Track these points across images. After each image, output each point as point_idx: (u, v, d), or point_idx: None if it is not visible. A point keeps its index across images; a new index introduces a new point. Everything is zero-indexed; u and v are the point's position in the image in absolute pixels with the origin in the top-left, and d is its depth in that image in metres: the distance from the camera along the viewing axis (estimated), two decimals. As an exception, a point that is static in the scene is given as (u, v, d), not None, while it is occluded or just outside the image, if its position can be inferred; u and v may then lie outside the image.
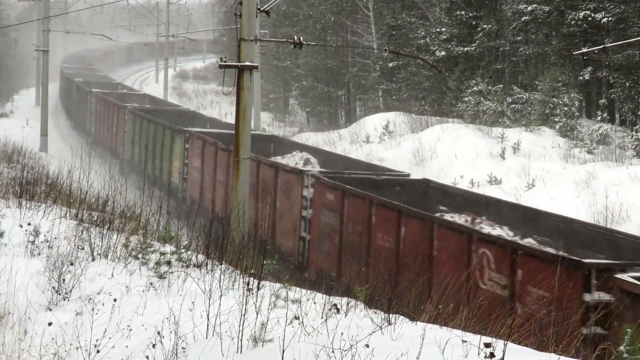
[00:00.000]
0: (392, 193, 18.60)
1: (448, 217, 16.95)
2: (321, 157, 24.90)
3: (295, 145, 27.33)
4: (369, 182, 19.28)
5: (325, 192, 18.34)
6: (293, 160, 24.28)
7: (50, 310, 10.53)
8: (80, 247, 12.79)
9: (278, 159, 24.02)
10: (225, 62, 16.74)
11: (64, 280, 10.96)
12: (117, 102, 40.27)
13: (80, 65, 74.03)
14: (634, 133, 31.94)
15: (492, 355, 7.41)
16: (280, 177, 20.62)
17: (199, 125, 33.27)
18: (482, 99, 37.69)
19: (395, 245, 15.56)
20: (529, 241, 15.23)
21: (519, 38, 40.03)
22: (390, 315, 9.19)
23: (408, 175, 21.24)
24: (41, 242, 12.84)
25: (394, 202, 16.38)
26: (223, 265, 12.36)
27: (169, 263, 12.01)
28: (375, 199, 16.56)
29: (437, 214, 17.01)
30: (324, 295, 10.73)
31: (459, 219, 16.87)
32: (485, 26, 39.83)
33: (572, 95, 34.74)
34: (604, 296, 11.02)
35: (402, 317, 9.31)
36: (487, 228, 16.34)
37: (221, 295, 9.97)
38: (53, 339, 9.37)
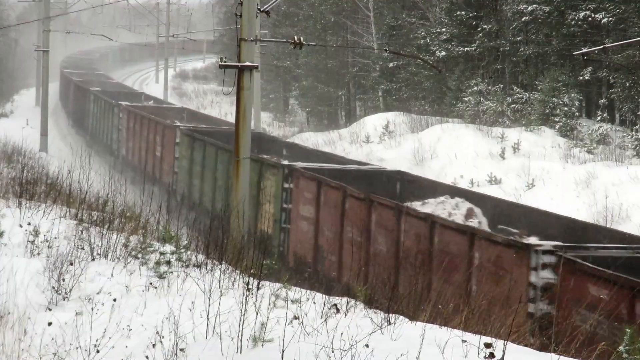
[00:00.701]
0: None
1: None
2: (477, 202, 18.06)
3: (434, 187, 20.01)
4: (634, 262, 12.81)
5: (586, 282, 11.71)
6: (443, 209, 17.78)
7: (50, 310, 10.53)
8: (80, 247, 12.79)
9: (416, 206, 17.63)
10: (225, 62, 16.75)
11: (63, 280, 10.96)
12: (160, 120, 33.71)
13: (85, 70, 67.91)
14: (634, 133, 31.95)
15: (492, 355, 7.40)
16: (480, 249, 13.94)
17: (275, 151, 27.29)
18: (482, 99, 37.70)
19: None
20: None
21: (519, 38, 40.04)
22: (390, 315, 9.19)
23: None
24: (41, 242, 12.84)
25: None
26: (223, 265, 12.36)
27: (168, 263, 12.01)
28: None
29: None
30: (324, 295, 10.73)
31: None
32: (485, 26, 39.84)
33: (572, 95, 34.75)
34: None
35: (401, 317, 9.31)
36: None
37: (221, 295, 9.96)
38: (53, 339, 9.37)
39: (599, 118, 34.96)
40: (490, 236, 14.10)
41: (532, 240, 14.54)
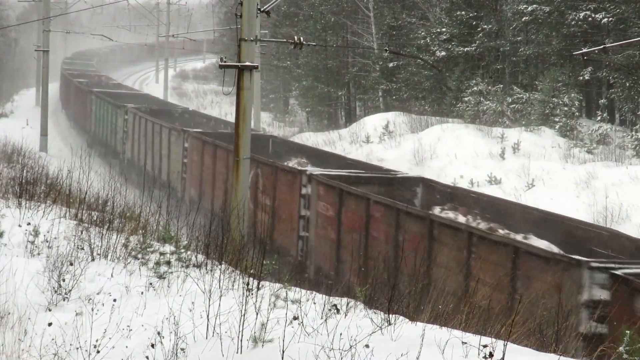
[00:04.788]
0: None
1: None
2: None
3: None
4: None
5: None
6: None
7: (50, 310, 10.52)
8: (79, 247, 12.78)
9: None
10: (225, 62, 16.75)
11: (63, 280, 10.95)
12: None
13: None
14: (633, 133, 31.95)
15: (491, 355, 7.40)
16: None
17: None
18: (482, 99, 37.69)
19: None
20: None
21: (519, 38, 40.04)
22: (390, 315, 9.18)
23: None
24: (41, 242, 12.83)
25: None
26: (223, 265, 12.36)
27: (168, 263, 12.01)
28: None
29: None
30: (324, 296, 10.73)
31: None
32: (485, 26, 39.84)
33: (572, 95, 34.75)
34: None
35: (401, 317, 9.31)
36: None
37: (221, 296, 9.96)
38: (53, 339, 9.36)
39: (599, 118, 34.96)
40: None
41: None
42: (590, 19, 35.33)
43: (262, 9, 17.38)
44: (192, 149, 27.61)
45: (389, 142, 36.62)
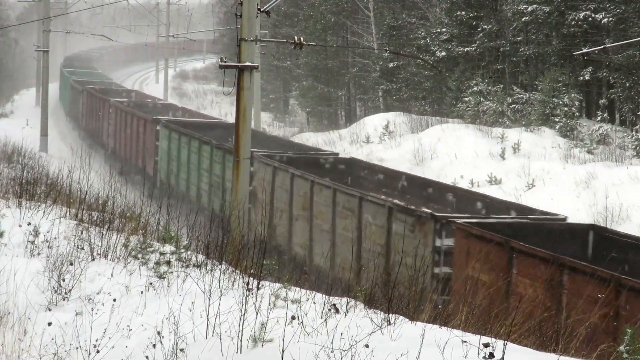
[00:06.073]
0: None
1: None
2: None
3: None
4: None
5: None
6: None
7: (50, 310, 10.52)
8: (80, 247, 12.78)
9: None
10: (225, 62, 16.75)
11: (63, 280, 10.95)
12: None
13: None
14: (634, 133, 31.95)
15: (491, 355, 7.40)
16: None
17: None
18: (482, 99, 37.69)
19: None
20: None
21: (519, 38, 40.04)
22: (390, 315, 9.18)
23: None
24: (41, 242, 12.82)
25: None
26: (223, 265, 12.35)
27: (168, 263, 12.00)
28: None
29: None
30: (324, 295, 10.72)
31: None
32: (485, 26, 39.84)
33: (572, 95, 34.75)
34: None
35: (401, 317, 9.30)
36: None
37: (221, 295, 9.95)
38: (53, 339, 9.36)
39: (599, 118, 34.96)
40: None
41: None
42: (590, 19, 35.33)
43: (262, 9, 17.39)
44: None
45: (389, 142, 36.63)
